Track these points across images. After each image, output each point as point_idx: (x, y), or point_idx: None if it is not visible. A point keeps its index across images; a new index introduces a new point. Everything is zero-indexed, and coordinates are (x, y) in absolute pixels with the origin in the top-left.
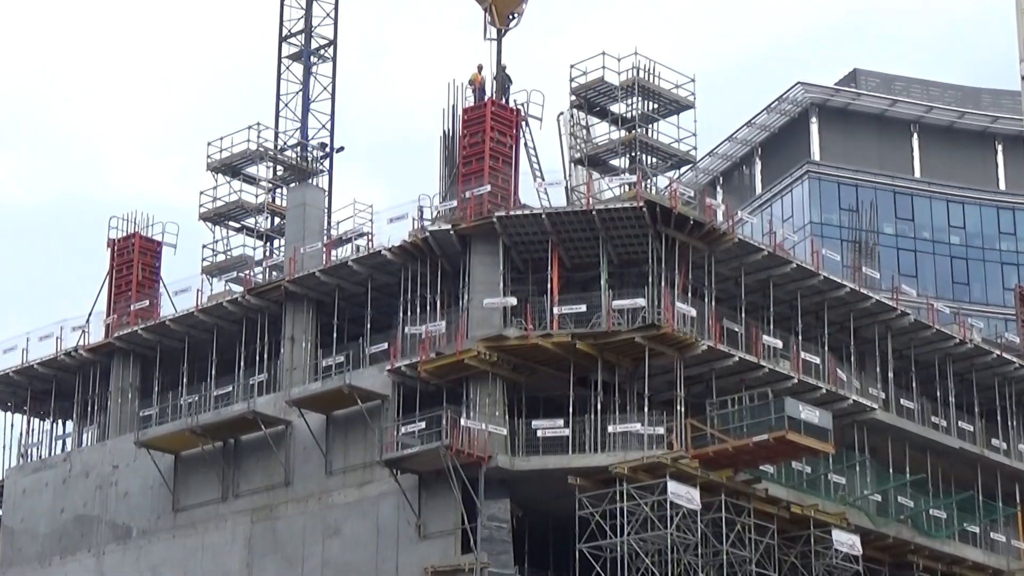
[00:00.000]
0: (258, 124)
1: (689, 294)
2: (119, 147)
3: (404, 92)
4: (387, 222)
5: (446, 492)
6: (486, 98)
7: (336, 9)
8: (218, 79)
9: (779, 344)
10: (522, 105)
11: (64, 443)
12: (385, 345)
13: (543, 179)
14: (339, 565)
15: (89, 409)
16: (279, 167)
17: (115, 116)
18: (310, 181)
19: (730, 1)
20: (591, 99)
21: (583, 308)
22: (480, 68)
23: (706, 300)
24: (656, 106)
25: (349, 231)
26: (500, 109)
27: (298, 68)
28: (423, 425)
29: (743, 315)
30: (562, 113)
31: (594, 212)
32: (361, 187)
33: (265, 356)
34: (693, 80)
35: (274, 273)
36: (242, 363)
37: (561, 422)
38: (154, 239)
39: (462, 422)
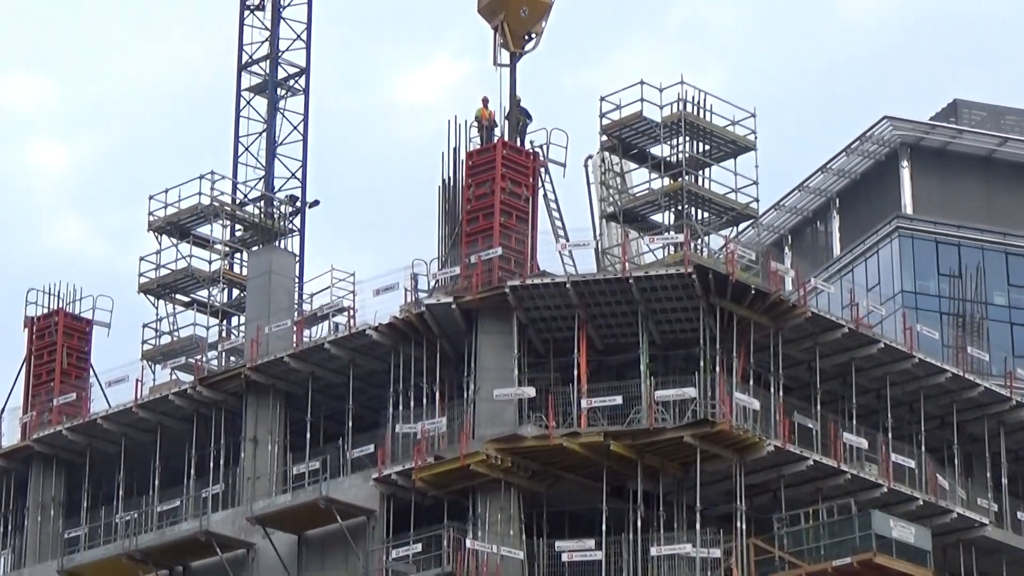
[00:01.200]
0: (212, 173)
1: (751, 382)
2: (40, 201)
3: (394, 132)
4: (373, 294)
5: None
6: (496, 139)
7: (309, 30)
8: (163, 117)
9: (864, 444)
10: (541, 147)
11: None
12: (371, 448)
13: (567, 239)
14: None
15: (1, 529)
16: (238, 226)
17: (34, 163)
18: (277, 243)
19: (792, 17)
20: (627, 139)
21: (618, 400)
22: (487, 102)
23: (772, 389)
24: (708, 148)
25: (326, 306)
26: (514, 153)
27: (262, 103)
28: (419, 548)
29: (819, 408)
30: (591, 157)
31: (631, 280)
32: (341, 250)
33: (221, 462)
34: (753, 115)
35: (232, 358)
36: (192, 471)
37: (592, 543)
38: (83, 317)
39: (468, 543)
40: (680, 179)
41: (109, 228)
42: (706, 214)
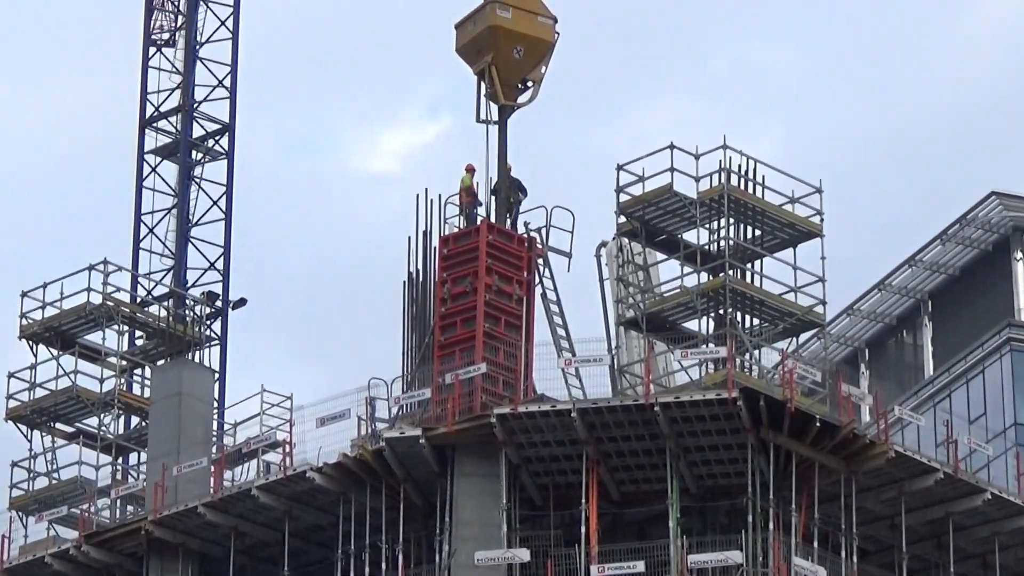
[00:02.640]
0: (105, 263)
1: (815, 543)
2: None
3: (347, 210)
4: (317, 424)
5: None
6: (479, 220)
7: (234, 74)
8: (43, 188)
9: None
10: (539, 232)
11: None
12: None
13: (573, 353)
14: None
15: None
16: (139, 333)
17: None
18: (190, 356)
19: (870, 62)
20: (652, 221)
21: (640, 567)
22: (471, 171)
23: (844, 552)
24: (759, 233)
25: (254, 439)
26: (502, 238)
27: (171, 170)
28: None
29: None
30: (605, 244)
31: (657, 408)
32: (275, 366)
33: None
34: (819, 190)
35: (130, 508)
36: None
37: None
38: None
39: None
40: (722, 274)
41: None
42: (756, 321)
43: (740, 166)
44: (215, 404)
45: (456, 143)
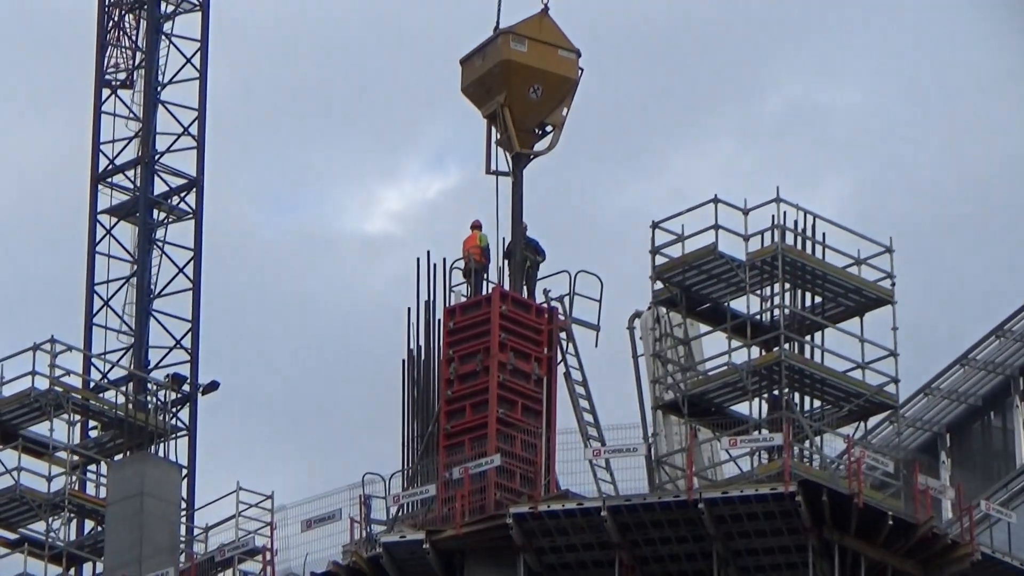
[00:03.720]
0: (52, 341)
1: None
2: None
3: (337, 277)
4: (303, 527)
5: None
6: (490, 287)
7: (202, 121)
8: None
9: None
10: (561, 300)
11: None
12: None
13: (602, 443)
14: None
15: None
16: (93, 423)
17: None
18: (152, 450)
19: (934, 106)
20: (694, 288)
21: None
22: (478, 227)
23: None
24: (820, 300)
25: (228, 546)
26: (518, 309)
27: (128, 231)
28: None
29: None
30: (639, 315)
31: (702, 505)
32: (253, 460)
33: None
34: (891, 250)
35: None
36: None
37: None
38: None
39: None
40: (777, 349)
41: None
42: (817, 403)
43: (796, 222)
44: (183, 505)
45: (464, 199)
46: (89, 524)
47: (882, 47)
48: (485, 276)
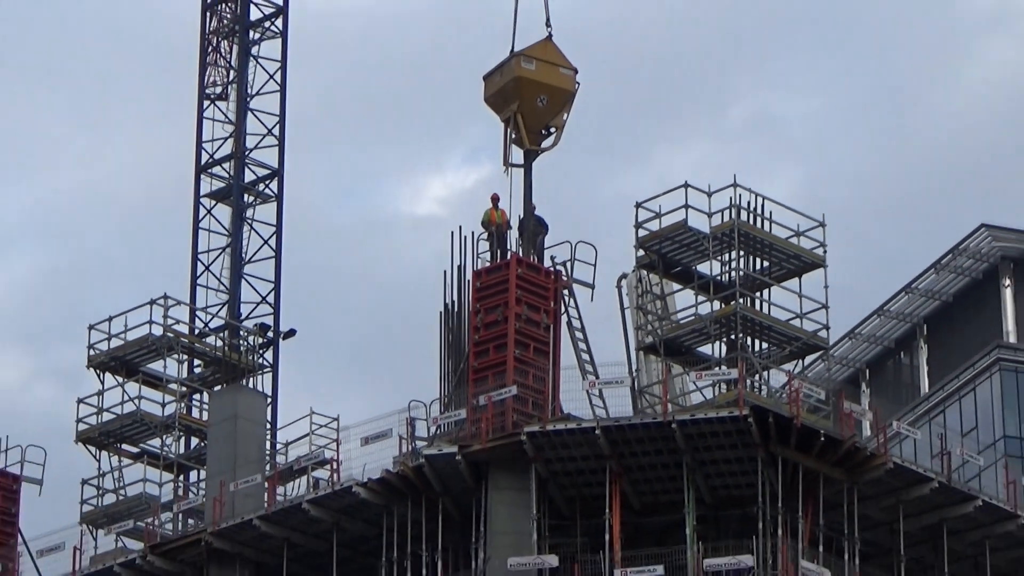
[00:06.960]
0: (165, 297)
1: (820, 548)
2: None
3: (390, 249)
4: (361, 443)
5: None
6: (508, 253)
7: (282, 124)
8: (108, 230)
9: None
10: (564, 265)
11: None
12: None
13: (597, 376)
14: None
15: None
16: (197, 362)
17: None
18: (244, 382)
19: (874, 109)
20: (668, 254)
21: (659, 571)
22: (497, 200)
23: (847, 557)
24: (768, 264)
25: (304, 457)
26: (531, 271)
27: (225, 212)
28: None
29: None
30: (625, 276)
31: (675, 425)
32: (322, 391)
33: None
34: (823, 224)
35: (191, 521)
36: None
37: None
38: (9, 472)
39: None
40: (733, 302)
41: (51, 364)
42: (765, 345)
43: (749, 203)
44: (268, 426)
45: (494, 187)
46: (195, 440)
47: (825, 67)
48: (507, 236)
